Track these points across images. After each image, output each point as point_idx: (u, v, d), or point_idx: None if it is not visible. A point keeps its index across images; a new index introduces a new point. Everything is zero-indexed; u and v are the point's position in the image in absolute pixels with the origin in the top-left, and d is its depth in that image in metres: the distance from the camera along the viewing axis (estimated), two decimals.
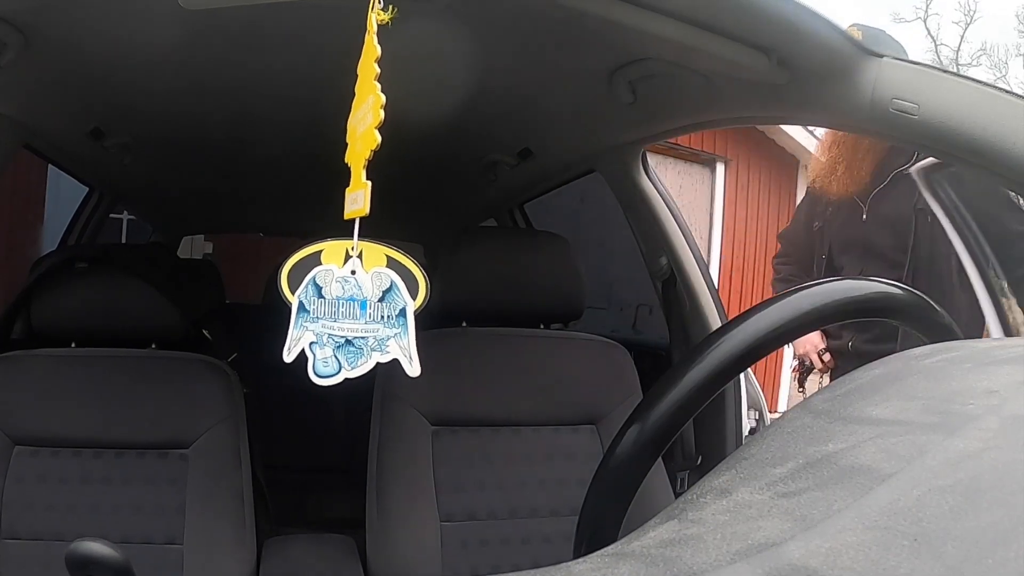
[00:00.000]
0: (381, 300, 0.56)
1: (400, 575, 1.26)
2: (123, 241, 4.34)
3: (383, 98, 0.56)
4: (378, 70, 0.57)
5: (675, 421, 0.58)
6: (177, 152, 1.82)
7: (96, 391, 1.35)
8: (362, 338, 0.55)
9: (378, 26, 0.58)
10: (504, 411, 1.38)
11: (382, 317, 0.56)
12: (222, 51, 1.15)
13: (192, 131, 1.63)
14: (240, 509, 1.31)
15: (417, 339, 0.57)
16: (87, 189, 2.37)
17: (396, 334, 0.55)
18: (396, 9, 0.58)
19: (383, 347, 0.55)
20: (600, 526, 0.58)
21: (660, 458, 0.91)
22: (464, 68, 1.13)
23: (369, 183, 0.56)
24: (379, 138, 0.55)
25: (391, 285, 0.56)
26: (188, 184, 2.22)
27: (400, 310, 0.56)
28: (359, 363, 0.56)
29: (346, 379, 0.56)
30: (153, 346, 1.44)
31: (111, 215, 2.56)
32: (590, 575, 0.35)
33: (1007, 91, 0.79)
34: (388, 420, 1.35)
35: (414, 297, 0.56)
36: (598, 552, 0.38)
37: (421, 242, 2.81)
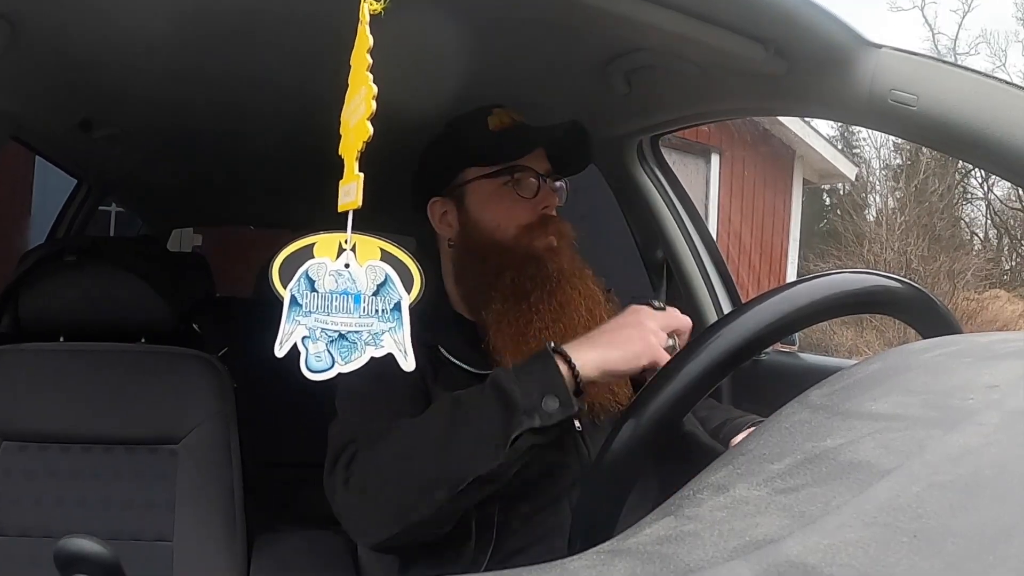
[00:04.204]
0: (375, 294, 0.55)
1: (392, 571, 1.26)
2: (111, 234, 4.31)
3: (375, 88, 0.55)
4: (370, 60, 0.57)
5: (671, 417, 0.58)
6: (166, 143, 1.80)
7: (85, 385, 1.34)
8: (356, 332, 0.55)
9: (370, 16, 0.58)
10: None
11: (376, 311, 0.55)
12: (213, 41, 1.14)
13: (182, 122, 1.61)
14: (231, 505, 1.30)
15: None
16: (75, 181, 2.35)
17: (391, 328, 0.55)
18: None
19: (377, 341, 0.55)
20: (595, 522, 0.57)
21: None
22: (457, 58, 1.12)
23: (361, 175, 0.55)
24: (371, 129, 0.55)
25: (385, 279, 0.55)
26: (177, 176, 2.20)
27: (395, 304, 0.55)
28: (353, 357, 0.55)
29: (339, 374, 0.56)
30: (142, 340, 1.43)
31: (99, 207, 2.54)
32: (585, 572, 0.34)
33: (1007, 82, 0.79)
34: None
35: (408, 291, 0.55)
36: (593, 549, 0.37)
37: (414, 235, 2.80)
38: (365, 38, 0.57)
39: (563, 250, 1.04)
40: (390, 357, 0.56)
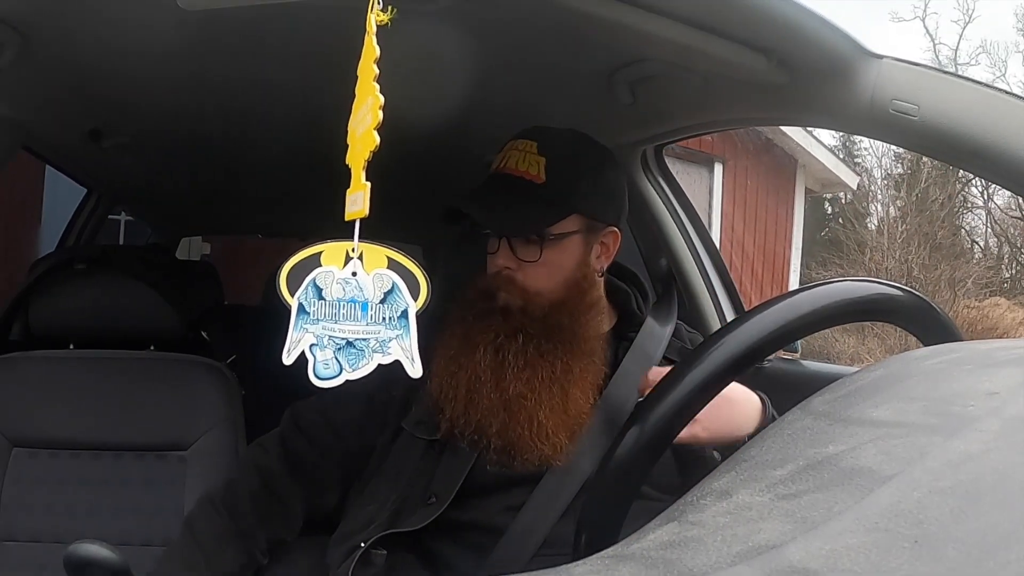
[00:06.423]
0: (383, 302, 0.56)
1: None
2: (121, 243, 4.34)
3: (382, 99, 0.56)
4: (377, 71, 0.57)
5: (675, 423, 0.58)
6: (176, 153, 1.81)
7: (94, 393, 1.34)
8: (363, 339, 0.55)
9: (377, 27, 0.58)
10: None
11: (384, 319, 0.56)
12: (221, 52, 1.15)
13: (191, 132, 1.62)
14: None
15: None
16: (85, 190, 2.37)
17: (398, 335, 0.55)
18: (395, 10, 0.58)
19: (385, 348, 0.55)
20: (600, 527, 0.57)
21: None
22: (463, 69, 1.13)
23: (368, 184, 0.56)
24: (378, 139, 0.55)
25: (392, 286, 0.56)
26: (187, 185, 2.21)
27: (402, 311, 0.56)
28: (361, 364, 0.56)
29: (347, 381, 0.56)
30: (151, 348, 1.44)
31: (109, 216, 2.56)
32: None
33: (1007, 92, 0.79)
34: None
35: (415, 298, 0.56)
36: (598, 554, 0.38)
37: (420, 244, 2.80)
38: (372, 49, 0.58)
39: (524, 309, 0.95)
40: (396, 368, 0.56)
